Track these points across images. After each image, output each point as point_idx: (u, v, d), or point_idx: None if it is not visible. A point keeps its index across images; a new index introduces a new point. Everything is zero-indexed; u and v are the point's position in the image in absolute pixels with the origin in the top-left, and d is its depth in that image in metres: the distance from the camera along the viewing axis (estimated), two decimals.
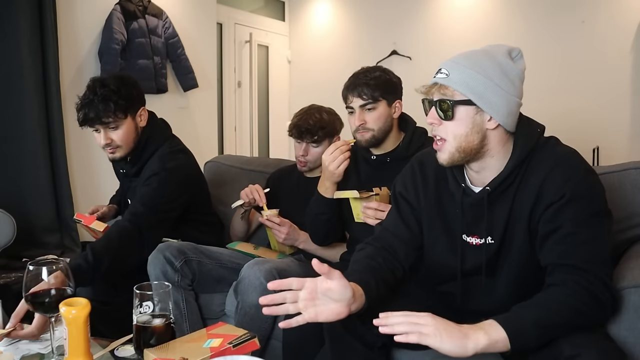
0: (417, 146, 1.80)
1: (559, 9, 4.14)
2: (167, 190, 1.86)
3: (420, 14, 4.72)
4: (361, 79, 1.78)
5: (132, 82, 1.88)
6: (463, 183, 1.33)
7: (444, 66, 1.25)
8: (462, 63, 1.23)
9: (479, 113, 1.22)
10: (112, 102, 1.77)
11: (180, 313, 1.86)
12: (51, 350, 1.21)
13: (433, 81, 1.25)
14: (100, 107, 1.76)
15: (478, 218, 1.29)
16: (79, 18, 3.16)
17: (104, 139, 1.83)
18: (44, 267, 1.16)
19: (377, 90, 1.75)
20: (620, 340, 1.19)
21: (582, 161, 1.25)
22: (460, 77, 1.22)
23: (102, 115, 1.77)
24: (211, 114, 4.30)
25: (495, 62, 1.23)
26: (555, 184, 1.20)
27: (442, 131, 1.25)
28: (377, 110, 1.77)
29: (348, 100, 1.80)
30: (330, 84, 5.08)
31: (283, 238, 1.98)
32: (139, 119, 1.89)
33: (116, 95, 1.78)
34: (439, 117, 1.24)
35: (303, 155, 2.06)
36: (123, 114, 1.81)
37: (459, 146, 1.24)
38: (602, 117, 4.01)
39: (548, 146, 1.27)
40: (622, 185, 1.57)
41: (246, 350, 1.15)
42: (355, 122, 1.77)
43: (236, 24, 4.84)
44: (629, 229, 1.56)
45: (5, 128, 2.74)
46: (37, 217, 2.79)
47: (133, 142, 1.88)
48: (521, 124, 1.28)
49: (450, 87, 1.22)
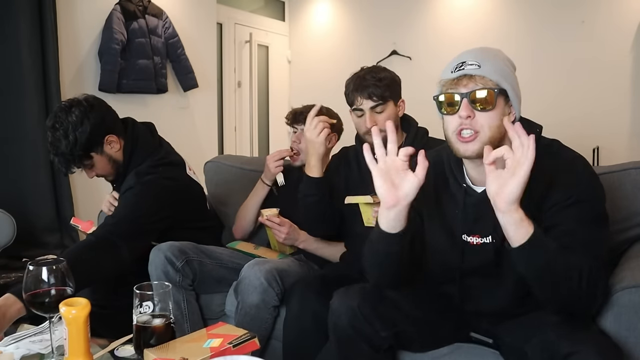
0: (420, 147, 1.77)
1: (559, 9, 4.14)
2: (145, 203, 1.79)
3: (420, 14, 4.72)
4: (369, 80, 1.74)
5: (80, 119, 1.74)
6: (464, 183, 1.32)
7: (471, 58, 1.21)
8: (488, 56, 1.22)
9: (507, 104, 1.23)
10: (69, 155, 1.75)
11: (182, 313, 1.86)
12: (51, 350, 1.21)
13: (461, 73, 1.20)
14: (63, 165, 1.78)
15: (480, 217, 1.29)
16: (79, 18, 3.16)
17: (89, 175, 1.87)
18: (44, 267, 1.16)
19: (387, 90, 1.74)
20: (621, 340, 1.20)
21: (587, 165, 1.27)
22: (493, 68, 1.20)
23: (70, 169, 1.81)
24: (211, 114, 4.30)
25: (507, 58, 1.26)
26: (561, 187, 1.21)
27: (476, 124, 1.20)
28: (386, 111, 1.75)
29: (357, 102, 1.75)
30: (330, 84, 5.07)
31: (283, 238, 1.98)
32: (108, 147, 1.82)
33: (67, 146, 1.73)
34: (474, 109, 1.19)
35: (295, 141, 2.07)
36: (87, 159, 1.79)
37: (492, 136, 1.20)
38: (602, 117, 4.01)
39: (552, 150, 1.28)
40: (622, 185, 1.58)
41: (246, 350, 1.15)
42: (367, 124, 1.73)
43: (236, 24, 4.84)
44: (629, 229, 1.56)
45: (5, 128, 2.74)
46: (37, 217, 2.79)
47: (114, 168, 1.87)
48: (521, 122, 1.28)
49: (487, 77, 1.19)
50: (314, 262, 2.06)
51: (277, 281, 1.80)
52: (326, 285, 1.71)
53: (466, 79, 1.20)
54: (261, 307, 1.78)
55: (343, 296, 1.35)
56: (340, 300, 1.34)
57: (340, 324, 1.31)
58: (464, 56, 1.24)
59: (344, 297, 1.34)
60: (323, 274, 1.88)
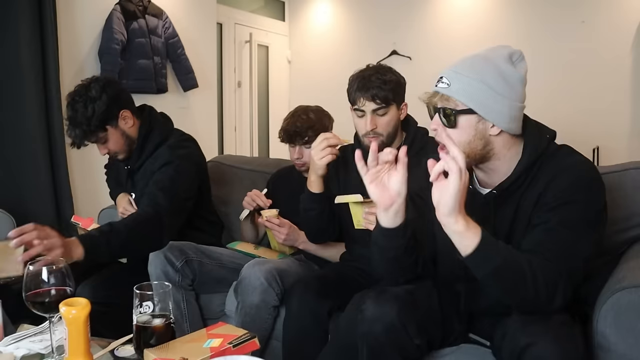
0: (419, 147, 1.77)
1: (559, 9, 4.14)
2: (183, 177, 1.89)
3: (420, 14, 4.72)
4: (374, 81, 1.70)
5: (98, 93, 1.83)
6: (471, 185, 1.33)
7: (444, 75, 1.26)
8: (463, 72, 1.24)
9: (481, 121, 1.24)
10: (85, 126, 1.82)
11: (181, 313, 1.86)
12: (51, 350, 1.21)
13: (434, 89, 1.27)
14: (78, 135, 1.84)
15: (484, 219, 1.28)
16: (79, 18, 3.16)
17: (101, 151, 1.94)
18: (44, 267, 1.16)
19: (391, 93, 1.70)
20: (621, 340, 1.19)
21: (590, 170, 1.26)
22: (461, 87, 1.23)
23: (84, 140, 1.86)
24: (211, 114, 4.30)
25: (495, 69, 1.24)
26: (556, 188, 1.22)
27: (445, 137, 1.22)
28: (388, 115, 1.72)
29: (359, 102, 1.72)
30: (330, 83, 5.10)
31: (283, 239, 1.98)
32: (122, 122, 1.90)
33: (85, 117, 1.81)
34: (443, 123, 1.25)
35: (298, 157, 2.06)
36: (102, 130, 1.86)
37: (462, 151, 1.22)
38: (602, 117, 4.01)
39: (559, 155, 1.28)
40: (621, 185, 1.58)
41: (246, 350, 1.15)
42: (367, 127, 1.71)
43: (236, 24, 4.84)
44: (628, 229, 1.56)
45: (5, 128, 2.74)
46: (37, 217, 2.78)
47: (127, 144, 1.94)
48: (529, 129, 1.30)
49: (452, 97, 1.23)
50: (314, 262, 2.06)
51: (277, 281, 1.80)
52: (326, 285, 1.71)
53: (438, 96, 1.26)
54: (261, 307, 1.78)
55: (377, 303, 1.29)
56: (375, 307, 1.28)
57: (374, 331, 1.26)
58: (445, 71, 1.27)
59: (379, 303, 1.28)
60: (323, 274, 1.87)
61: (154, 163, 1.92)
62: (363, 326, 1.29)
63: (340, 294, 1.62)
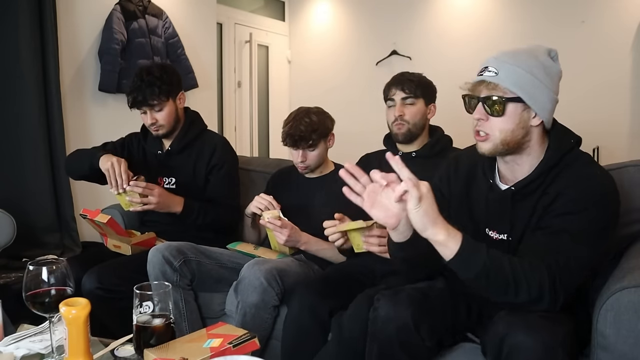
0: (441, 148, 1.93)
1: (559, 9, 4.14)
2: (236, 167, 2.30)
3: (420, 14, 4.71)
4: (406, 76, 1.96)
5: (172, 70, 2.17)
6: (491, 179, 1.37)
7: (490, 64, 1.27)
8: (510, 61, 1.26)
9: (526, 110, 1.27)
10: (157, 87, 2.04)
11: (180, 313, 1.86)
12: (51, 350, 1.21)
13: (480, 79, 1.28)
14: (147, 92, 2.03)
15: (501, 214, 1.34)
16: (79, 18, 3.16)
17: (150, 119, 2.10)
18: (44, 267, 1.16)
19: (419, 87, 1.94)
20: (621, 340, 1.19)
21: (606, 185, 1.28)
22: (510, 75, 1.25)
23: (149, 98, 2.04)
24: (211, 114, 4.30)
25: (538, 61, 1.28)
26: (567, 197, 1.24)
27: (487, 127, 1.28)
28: (415, 106, 1.92)
29: (391, 92, 1.94)
30: (331, 83, 5.11)
31: (285, 240, 1.95)
32: (178, 101, 2.16)
33: (159, 80, 2.04)
34: (487, 113, 1.27)
35: (302, 161, 2.05)
36: (165, 97, 2.08)
37: (504, 139, 1.28)
38: (602, 116, 4.00)
39: (579, 163, 1.31)
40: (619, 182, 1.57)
41: (246, 350, 1.15)
42: (395, 113, 1.91)
43: (236, 24, 4.84)
44: (626, 226, 1.57)
45: (5, 128, 2.74)
46: (37, 217, 2.79)
47: (174, 122, 2.15)
48: (556, 130, 1.33)
49: (500, 85, 1.24)
50: (315, 262, 2.05)
51: (277, 281, 1.80)
52: (327, 287, 1.71)
53: (484, 85, 1.27)
54: (261, 307, 1.78)
55: (392, 303, 1.28)
56: (390, 307, 1.28)
57: (387, 331, 1.26)
58: (490, 60, 1.29)
59: (394, 304, 1.28)
60: (325, 275, 1.86)
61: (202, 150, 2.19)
62: (375, 325, 1.29)
63: (342, 295, 1.62)
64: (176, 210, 2.07)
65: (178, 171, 2.20)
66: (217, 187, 2.19)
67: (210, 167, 2.19)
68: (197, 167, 2.19)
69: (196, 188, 2.18)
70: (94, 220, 1.97)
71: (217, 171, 2.19)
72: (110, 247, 2.11)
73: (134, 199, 1.99)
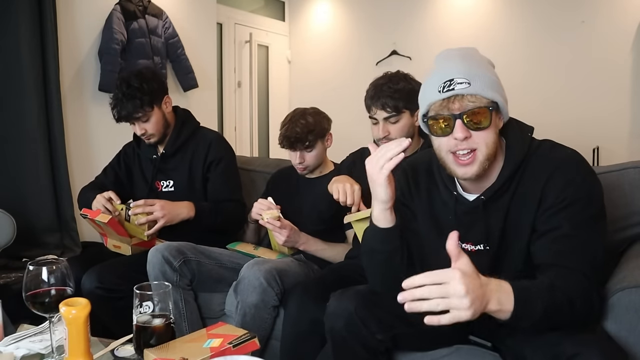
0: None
1: (559, 9, 4.14)
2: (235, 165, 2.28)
3: (420, 14, 4.72)
4: (385, 90, 1.76)
5: (152, 75, 2.12)
6: (455, 191, 1.29)
7: (456, 75, 1.15)
8: (475, 68, 1.17)
9: (498, 115, 1.20)
10: (138, 99, 2.02)
11: (179, 313, 1.86)
12: (51, 350, 1.21)
13: (451, 94, 1.14)
14: (129, 106, 2.02)
15: (473, 225, 1.26)
16: (79, 18, 3.16)
17: (139, 130, 2.10)
18: (44, 267, 1.16)
19: (401, 101, 1.76)
20: (621, 340, 1.20)
21: (582, 163, 1.22)
22: (484, 82, 1.15)
23: (133, 112, 2.03)
24: (211, 114, 4.30)
25: (486, 60, 1.23)
26: (556, 187, 1.18)
27: (473, 143, 1.16)
28: (400, 122, 1.79)
29: (372, 111, 1.81)
30: (331, 83, 5.11)
31: (284, 240, 1.96)
32: (165, 106, 2.14)
33: (140, 92, 2.02)
34: (469, 128, 1.15)
35: (300, 162, 2.06)
36: (150, 107, 2.06)
37: (489, 153, 1.17)
38: (602, 117, 4.01)
39: (544, 150, 1.24)
40: (620, 184, 1.58)
41: (246, 350, 1.15)
42: (380, 134, 1.79)
43: (236, 24, 4.84)
44: (627, 228, 1.57)
45: (5, 128, 2.73)
46: (37, 217, 2.79)
47: (163, 128, 2.14)
48: (511, 127, 1.25)
49: (479, 94, 1.14)
50: (314, 262, 2.05)
51: (277, 281, 1.80)
52: (325, 288, 1.70)
53: (457, 99, 1.14)
54: (260, 307, 1.78)
55: (339, 299, 1.34)
56: (337, 303, 1.34)
57: (336, 327, 1.31)
58: (448, 71, 1.16)
59: (340, 300, 1.33)
60: (322, 276, 1.86)
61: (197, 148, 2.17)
62: (327, 322, 1.34)
63: None
64: (188, 216, 2.06)
65: (175, 173, 2.20)
66: (218, 184, 2.17)
67: (207, 164, 2.17)
68: (194, 166, 2.18)
69: (194, 188, 2.18)
70: (94, 220, 1.97)
71: (215, 167, 2.17)
72: (110, 247, 2.11)
73: (141, 221, 1.98)
